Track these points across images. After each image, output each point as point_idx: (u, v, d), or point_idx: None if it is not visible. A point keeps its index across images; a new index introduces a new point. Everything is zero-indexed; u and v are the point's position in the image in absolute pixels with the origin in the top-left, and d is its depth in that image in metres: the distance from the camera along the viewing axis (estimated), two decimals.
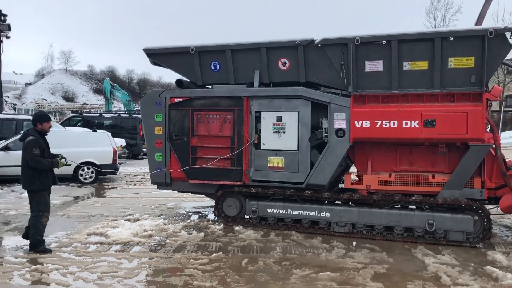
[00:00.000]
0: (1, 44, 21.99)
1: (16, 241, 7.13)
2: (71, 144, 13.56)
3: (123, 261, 6.19)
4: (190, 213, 9.44)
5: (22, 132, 8.25)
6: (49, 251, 6.60)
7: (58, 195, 11.08)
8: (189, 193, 11.57)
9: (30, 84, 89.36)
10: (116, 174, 15.06)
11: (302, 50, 7.74)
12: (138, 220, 8.61)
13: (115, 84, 37.81)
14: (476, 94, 6.79)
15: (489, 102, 6.88)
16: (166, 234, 7.59)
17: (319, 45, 7.59)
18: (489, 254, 6.58)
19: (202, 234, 7.62)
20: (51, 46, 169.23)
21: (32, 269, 5.79)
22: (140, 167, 18.36)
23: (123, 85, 76.74)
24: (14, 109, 59.42)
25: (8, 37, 22.27)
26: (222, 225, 8.21)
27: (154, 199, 11.09)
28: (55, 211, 9.17)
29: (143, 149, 21.38)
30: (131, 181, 14.53)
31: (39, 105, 61.00)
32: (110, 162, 14.02)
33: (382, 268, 6.01)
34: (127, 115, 24.66)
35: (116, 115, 24.45)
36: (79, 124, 23.14)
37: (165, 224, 8.19)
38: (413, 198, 7.32)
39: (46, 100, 71.15)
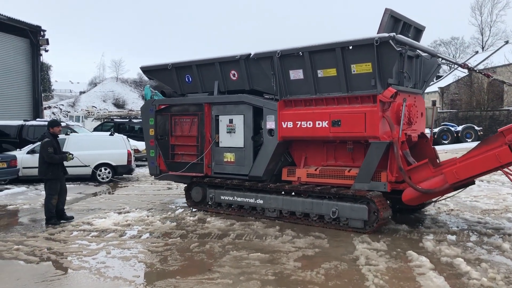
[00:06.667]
0: (41, 56, 24.12)
1: (15, 226, 8.43)
2: (90, 147, 15.09)
3: (92, 244, 7.26)
4: (177, 208, 10.43)
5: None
6: (59, 223, 8.61)
7: (73, 192, 12.38)
8: None
9: (83, 92, 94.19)
10: (131, 174, 16.36)
11: (243, 63, 8.89)
12: (127, 212, 9.70)
13: (155, 91, 39.76)
14: (374, 96, 7.50)
15: (387, 102, 7.43)
16: (143, 223, 8.63)
17: (255, 58, 8.65)
18: (422, 242, 7.13)
19: (175, 224, 8.60)
20: (103, 55, 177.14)
21: (14, 249, 6.97)
22: None
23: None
24: (67, 116, 63.29)
25: (46, 51, 24.40)
26: (197, 217, 9.15)
27: (154, 196, 12.19)
28: None
29: None
30: (145, 181, 15.77)
31: (89, 112, 64.47)
32: (125, 163, 15.33)
33: (313, 251, 6.73)
34: None
35: None
36: (111, 129, 24.86)
37: (147, 216, 9.23)
38: (317, 188, 8.16)
39: (96, 107, 74.97)
